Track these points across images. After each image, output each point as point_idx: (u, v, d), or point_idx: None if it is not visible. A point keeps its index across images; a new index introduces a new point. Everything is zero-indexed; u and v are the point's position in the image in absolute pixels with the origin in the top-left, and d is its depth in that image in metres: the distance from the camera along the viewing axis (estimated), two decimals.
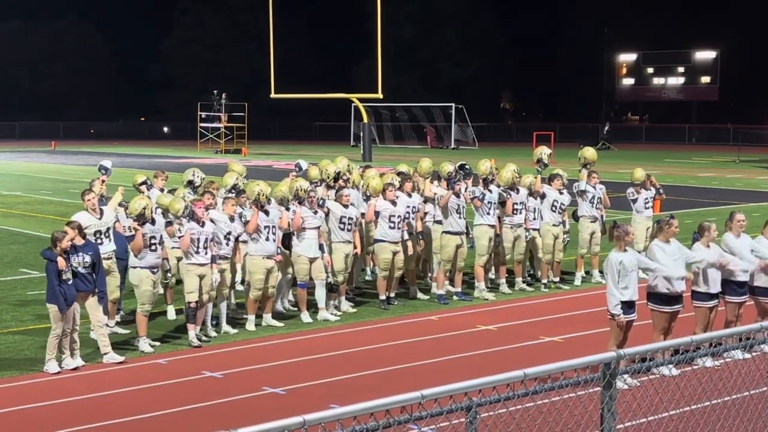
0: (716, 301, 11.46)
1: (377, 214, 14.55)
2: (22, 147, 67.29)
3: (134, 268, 12.23)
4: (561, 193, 16.24)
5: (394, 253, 14.61)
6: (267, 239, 13.31)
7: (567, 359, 5.28)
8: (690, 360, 6.72)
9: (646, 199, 16.95)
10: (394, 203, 14.60)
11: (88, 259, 11.32)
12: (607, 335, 10.82)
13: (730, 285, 11.62)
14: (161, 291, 13.57)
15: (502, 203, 15.52)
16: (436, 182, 15.75)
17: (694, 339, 5.76)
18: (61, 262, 10.95)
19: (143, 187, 14.51)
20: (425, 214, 15.53)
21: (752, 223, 13.02)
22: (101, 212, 12.67)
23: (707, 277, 11.32)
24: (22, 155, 57.88)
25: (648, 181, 17.06)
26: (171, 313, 13.93)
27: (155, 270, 12.27)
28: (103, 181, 14.15)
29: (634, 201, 16.94)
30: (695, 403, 7.54)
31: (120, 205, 13.33)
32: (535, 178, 16.20)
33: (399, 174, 15.80)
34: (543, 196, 16.11)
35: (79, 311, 11.34)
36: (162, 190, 14.96)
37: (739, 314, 11.74)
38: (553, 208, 16.16)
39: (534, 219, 16.04)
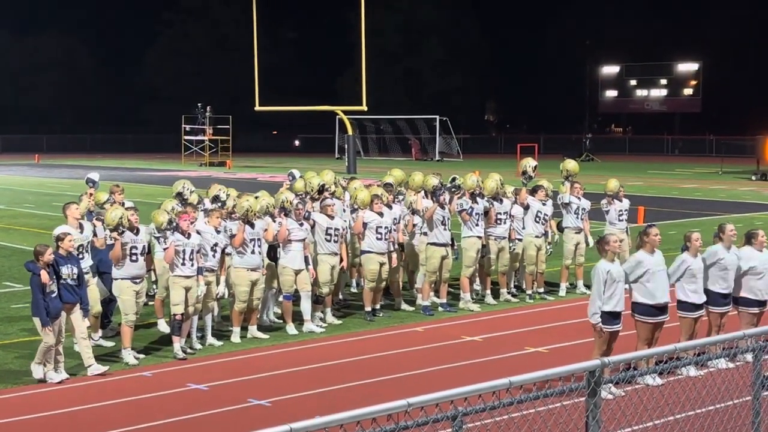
0: (701, 311, 11.52)
1: (365, 225, 14.58)
2: (6, 160, 66.99)
3: (116, 279, 12.23)
4: (544, 204, 16.31)
5: (381, 264, 14.64)
6: (252, 252, 13.31)
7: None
8: (673, 369, 6.77)
9: (620, 211, 16.88)
10: (381, 215, 14.65)
11: (76, 270, 11.33)
12: (592, 345, 10.85)
13: (713, 295, 11.69)
14: (148, 302, 13.55)
15: (485, 213, 15.58)
16: (422, 193, 15.79)
17: (678, 347, 5.80)
18: (44, 275, 10.92)
19: (107, 205, 14.21)
20: (413, 225, 15.59)
21: (741, 233, 13.09)
22: (81, 226, 12.66)
23: (692, 287, 11.37)
24: (6, 168, 57.65)
25: (621, 192, 16.98)
26: (163, 326, 13.84)
27: (137, 280, 12.24)
28: (90, 194, 14.08)
29: (607, 212, 16.93)
30: (679, 412, 7.59)
31: (97, 219, 13.27)
32: (521, 190, 16.25)
33: (384, 186, 15.87)
34: (527, 208, 16.18)
35: (64, 324, 11.31)
36: (122, 204, 14.78)
37: (721, 324, 11.81)
38: (537, 219, 16.24)
39: (523, 228, 16.11)
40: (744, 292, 11.83)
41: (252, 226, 13.35)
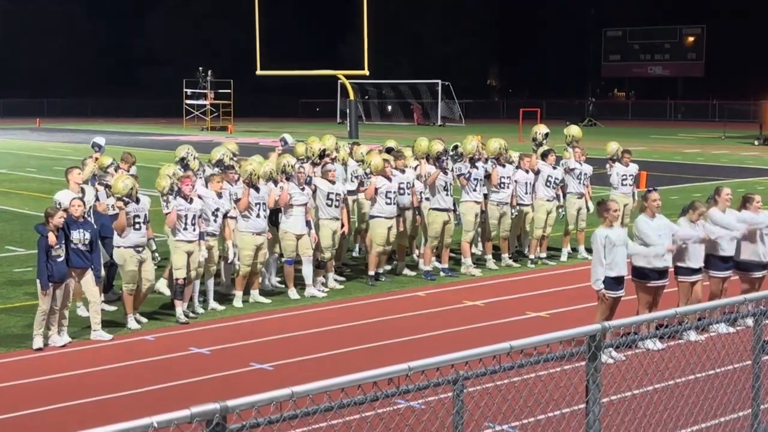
0: (699, 275, 11.53)
1: (376, 191, 14.57)
2: (7, 124, 66.91)
3: (118, 247, 12.19)
4: (554, 168, 16.31)
5: (389, 228, 14.65)
6: (258, 216, 13.32)
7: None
8: (674, 334, 6.78)
9: (623, 175, 16.87)
10: (389, 179, 14.64)
11: (88, 236, 11.32)
12: (593, 310, 10.88)
13: (713, 260, 11.70)
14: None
15: (487, 177, 15.56)
16: (424, 159, 15.77)
17: (679, 311, 5.81)
18: (51, 237, 10.93)
19: (111, 169, 14.16)
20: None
21: (737, 198, 13.09)
22: (83, 191, 12.64)
23: (690, 251, 11.38)
24: (7, 132, 57.57)
25: (626, 157, 16.96)
26: (162, 285, 13.83)
27: (140, 248, 12.22)
28: (96, 159, 14.04)
29: (609, 176, 16.97)
30: (680, 377, 7.61)
31: (100, 184, 13.25)
32: (529, 155, 16.23)
33: (390, 151, 15.88)
34: (537, 172, 16.17)
35: (72, 288, 11.33)
36: (128, 171, 14.73)
37: (723, 289, 11.82)
38: (548, 184, 16.23)
39: (526, 193, 16.09)
40: (745, 255, 11.85)
41: (257, 190, 13.35)
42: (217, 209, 13.02)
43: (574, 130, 17.21)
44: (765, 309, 6.64)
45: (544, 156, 16.35)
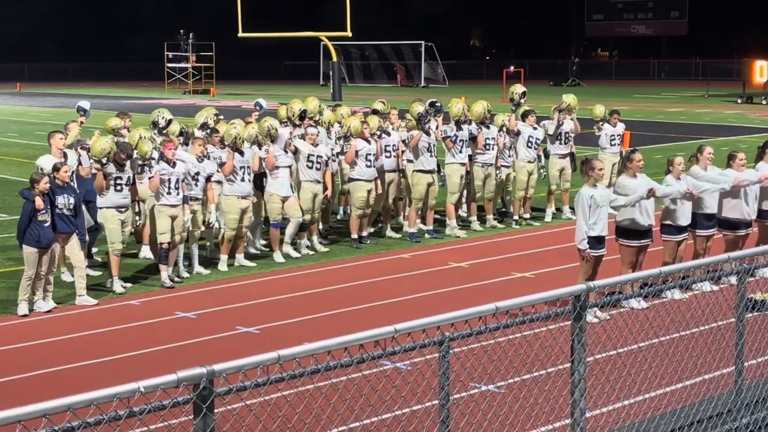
0: (685, 234, 11.58)
1: (356, 153, 14.53)
2: None
3: (100, 208, 12.21)
4: (535, 129, 16.31)
5: (369, 191, 14.63)
6: (243, 180, 13.28)
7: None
8: (658, 293, 6.81)
9: (612, 135, 17.05)
10: (369, 142, 14.60)
11: (72, 200, 11.29)
12: (577, 270, 10.92)
13: (698, 218, 11.75)
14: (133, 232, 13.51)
15: (472, 138, 15.55)
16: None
17: (663, 271, 5.83)
18: (38, 201, 10.88)
19: (123, 131, 14.09)
20: (402, 152, 15.54)
21: (720, 157, 13.15)
22: (65, 156, 12.57)
23: (677, 210, 11.42)
24: None
25: (614, 117, 17.16)
26: (146, 252, 13.79)
27: (122, 209, 12.17)
28: (81, 123, 13.92)
29: (598, 137, 17.13)
30: (664, 335, 7.66)
31: (82, 148, 13.16)
32: (509, 116, 16.22)
33: (374, 112, 15.83)
34: (518, 134, 16.16)
35: (57, 254, 11.30)
36: (128, 130, 14.65)
37: (707, 247, 11.89)
38: (529, 144, 16.24)
39: (510, 156, 16.11)
40: (731, 214, 11.91)
41: (241, 153, 13.29)
42: (198, 173, 12.94)
43: (570, 98, 17.25)
44: (748, 267, 6.68)
45: (524, 117, 16.34)
